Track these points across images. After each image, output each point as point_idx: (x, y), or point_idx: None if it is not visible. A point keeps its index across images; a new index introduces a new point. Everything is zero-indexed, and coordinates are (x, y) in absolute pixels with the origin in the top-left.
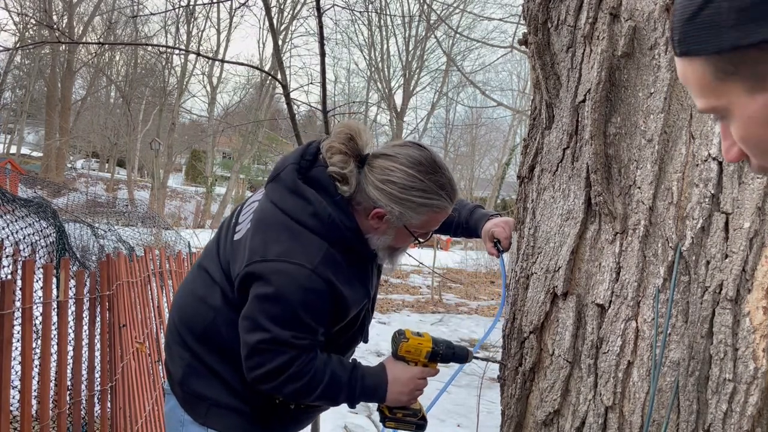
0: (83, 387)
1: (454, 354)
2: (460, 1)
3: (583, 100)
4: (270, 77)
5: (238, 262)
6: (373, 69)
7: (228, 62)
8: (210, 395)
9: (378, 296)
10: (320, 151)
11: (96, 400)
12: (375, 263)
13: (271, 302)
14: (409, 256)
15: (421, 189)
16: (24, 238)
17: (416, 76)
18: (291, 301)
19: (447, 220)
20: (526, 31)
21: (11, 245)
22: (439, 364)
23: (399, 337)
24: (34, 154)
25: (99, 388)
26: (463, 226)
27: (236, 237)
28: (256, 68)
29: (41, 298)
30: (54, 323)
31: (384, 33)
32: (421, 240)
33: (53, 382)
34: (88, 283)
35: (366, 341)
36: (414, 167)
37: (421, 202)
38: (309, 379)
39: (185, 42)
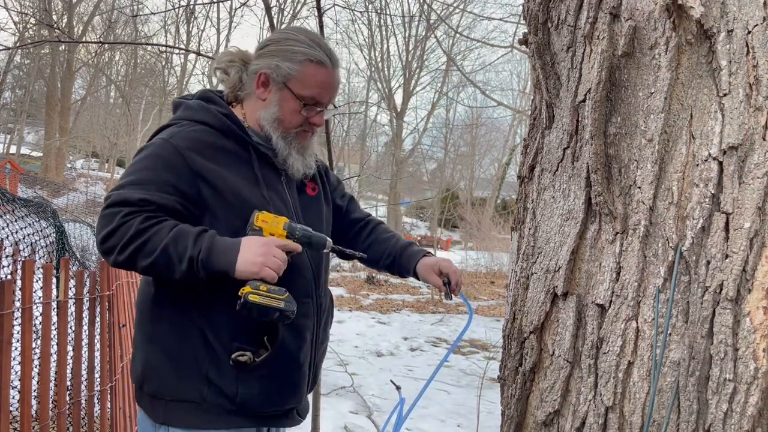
0: (83, 387)
1: (311, 241)
2: (460, 1)
3: (584, 100)
4: None
5: None
6: (373, 69)
7: None
8: (166, 391)
9: (378, 296)
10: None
11: (96, 400)
12: (286, 173)
13: (127, 172)
14: None
15: (294, 39)
16: (24, 238)
17: (416, 76)
18: (137, 165)
19: (379, 249)
20: (526, 30)
21: (11, 245)
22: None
23: (255, 212)
24: (34, 154)
25: (99, 388)
26: (396, 257)
27: None
28: None
29: (41, 298)
30: (54, 323)
31: (384, 33)
32: (306, 103)
33: (53, 382)
34: (88, 283)
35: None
36: (289, 28)
37: (294, 49)
38: (151, 234)
39: (185, 42)
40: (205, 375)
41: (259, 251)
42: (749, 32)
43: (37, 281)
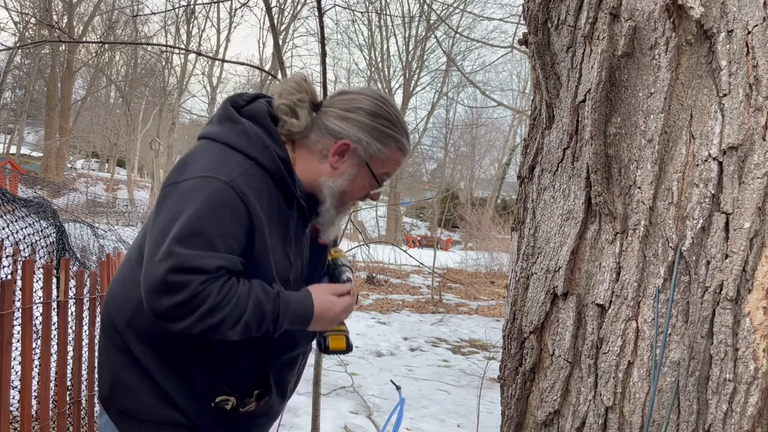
0: (83, 387)
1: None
2: (460, 1)
3: (583, 100)
4: (270, 77)
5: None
6: (373, 69)
7: (228, 62)
8: (142, 409)
9: (378, 296)
10: (260, 97)
11: (96, 400)
12: (308, 228)
13: (178, 221)
14: (410, 256)
15: (387, 119)
16: (24, 238)
17: (416, 76)
18: (200, 215)
19: None
20: (526, 30)
21: (11, 245)
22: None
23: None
24: (34, 154)
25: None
26: None
27: None
28: (257, 68)
29: (41, 298)
30: (54, 323)
31: (384, 33)
32: (378, 182)
33: (53, 382)
34: (88, 283)
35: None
36: (380, 99)
37: (389, 132)
38: (230, 309)
39: (185, 42)
40: (183, 409)
41: (329, 316)
42: (749, 32)
43: (37, 281)
